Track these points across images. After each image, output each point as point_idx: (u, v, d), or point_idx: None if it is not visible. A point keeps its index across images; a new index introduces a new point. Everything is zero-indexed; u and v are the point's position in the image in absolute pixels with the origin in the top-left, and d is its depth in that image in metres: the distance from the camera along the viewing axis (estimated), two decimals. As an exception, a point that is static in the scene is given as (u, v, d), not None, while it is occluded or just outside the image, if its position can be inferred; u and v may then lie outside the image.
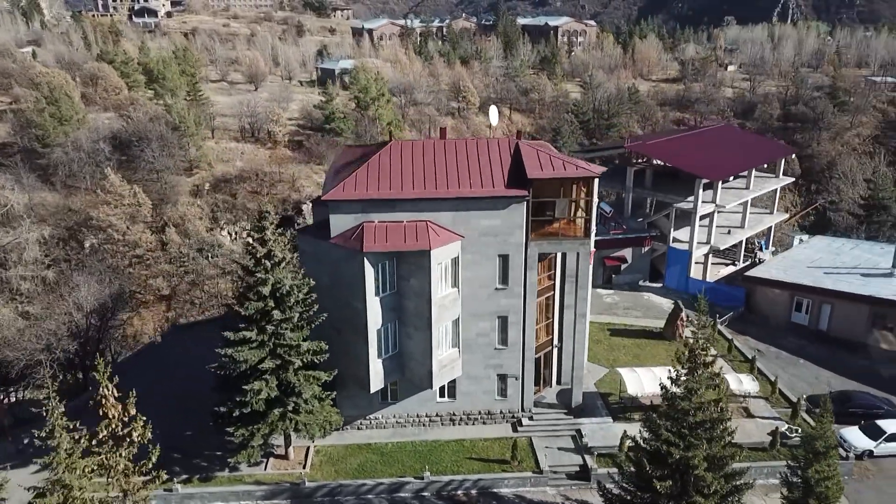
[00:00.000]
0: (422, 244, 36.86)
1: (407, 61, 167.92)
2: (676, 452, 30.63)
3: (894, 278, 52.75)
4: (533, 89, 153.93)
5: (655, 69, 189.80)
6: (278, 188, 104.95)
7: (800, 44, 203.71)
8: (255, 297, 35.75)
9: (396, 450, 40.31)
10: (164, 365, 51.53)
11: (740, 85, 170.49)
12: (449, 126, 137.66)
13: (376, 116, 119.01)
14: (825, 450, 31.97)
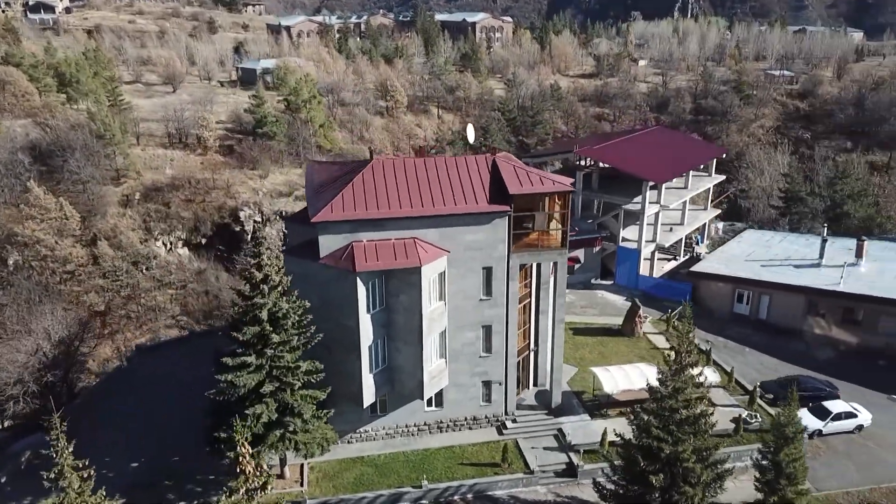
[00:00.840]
0: (412, 261, 38.14)
1: (330, 60, 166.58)
2: (667, 447, 33.29)
3: (822, 268, 57.81)
4: (458, 87, 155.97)
5: (572, 65, 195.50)
6: (213, 195, 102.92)
7: (703, 39, 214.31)
8: (253, 322, 36.08)
9: (390, 461, 41.53)
10: (136, 389, 50.66)
11: (653, 80, 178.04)
12: (379, 126, 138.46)
13: (308, 119, 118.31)
14: (793, 434, 35.44)
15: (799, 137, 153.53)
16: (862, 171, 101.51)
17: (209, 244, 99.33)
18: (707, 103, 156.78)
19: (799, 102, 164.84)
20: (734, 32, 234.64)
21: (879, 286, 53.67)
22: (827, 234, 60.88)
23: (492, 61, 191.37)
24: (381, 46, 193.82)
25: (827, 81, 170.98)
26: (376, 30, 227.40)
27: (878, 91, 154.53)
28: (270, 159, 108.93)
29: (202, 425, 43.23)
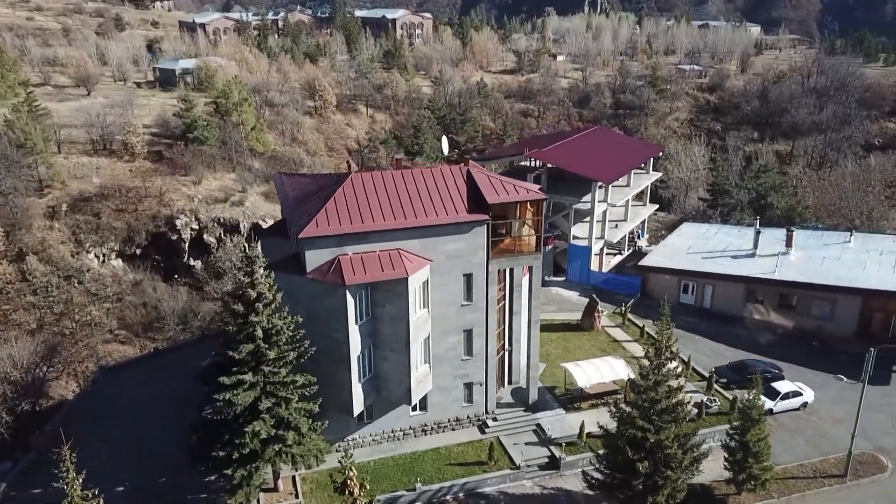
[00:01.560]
0: (399, 272, 39.33)
1: (253, 59, 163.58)
2: (651, 436, 35.92)
3: (757, 258, 62.39)
4: (386, 85, 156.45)
5: (493, 61, 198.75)
6: (146, 204, 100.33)
7: (615, 34, 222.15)
8: (247, 340, 36.43)
9: (380, 466, 42.66)
10: (108, 410, 49.58)
11: (572, 75, 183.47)
12: (309, 126, 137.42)
13: (240, 122, 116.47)
14: (758, 417, 38.84)
15: (711, 129, 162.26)
16: (771, 161, 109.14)
17: (144, 254, 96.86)
18: (626, 98, 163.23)
19: (709, 95, 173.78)
20: (643, 27, 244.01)
21: (810, 273, 58.55)
22: (759, 225, 65.54)
23: (415, 58, 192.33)
24: (302, 44, 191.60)
25: (733, 75, 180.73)
26: (294, 27, 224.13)
27: (779, 84, 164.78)
28: (203, 165, 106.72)
29: (189, 443, 43.22)
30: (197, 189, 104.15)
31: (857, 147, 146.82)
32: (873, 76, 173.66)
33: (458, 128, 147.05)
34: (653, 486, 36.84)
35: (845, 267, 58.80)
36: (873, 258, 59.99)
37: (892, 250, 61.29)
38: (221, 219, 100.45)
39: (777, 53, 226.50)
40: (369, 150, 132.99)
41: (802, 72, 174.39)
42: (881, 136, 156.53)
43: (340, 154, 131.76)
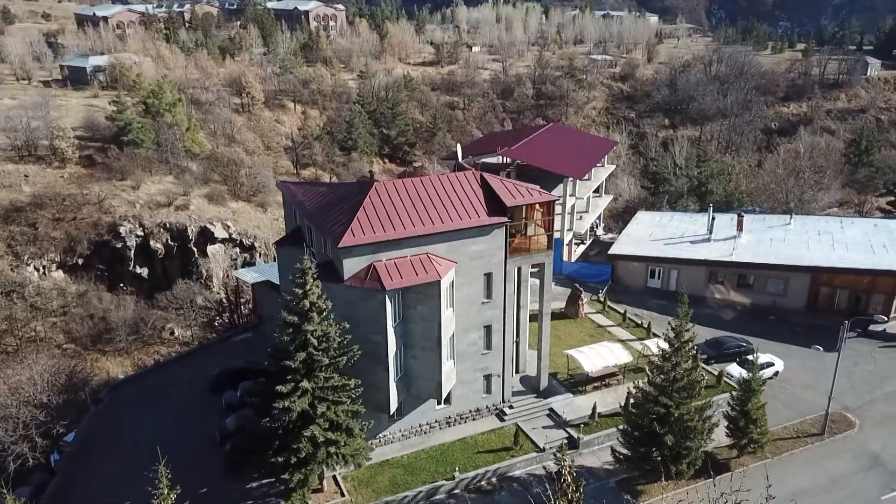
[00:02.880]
0: (431, 276, 41.61)
1: (169, 55, 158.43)
2: (675, 411, 40.05)
3: (713, 242, 68.23)
4: (312, 80, 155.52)
5: (411, 53, 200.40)
6: (85, 212, 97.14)
7: (526, 25, 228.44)
8: (301, 348, 37.80)
9: (413, 460, 44.93)
10: (123, 427, 49.27)
11: (491, 66, 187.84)
12: (240, 124, 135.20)
13: (174, 123, 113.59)
14: (757, 388, 43.76)
15: (626, 117, 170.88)
16: (686, 147, 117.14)
17: (87, 264, 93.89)
18: (546, 89, 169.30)
19: (622, 84, 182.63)
20: (550, 18, 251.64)
21: (763, 254, 64.81)
22: (702, 210, 71.46)
23: (333, 51, 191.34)
24: (214, 38, 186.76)
25: (641, 65, 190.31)
26: (202, 19, 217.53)
27: (685, 73, 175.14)
28: (140, 168, 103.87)
29: (223, 452, 44.12)
30: (137, 194, 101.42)
31: (758, 131, 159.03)
32: (767, 64, 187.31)
33: (388, 122, 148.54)
34: (675, 456, 41.06)
35: (792, 247, 65.42)
36: (814, 238, 66.99)
37: (827, 230, 68.54)
38: (167, 224, 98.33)
39: (676, 42, 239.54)
40: (303, 147, 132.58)
41: (704, 61, 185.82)
42: (777, 119, 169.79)
43: (277, 152, 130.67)
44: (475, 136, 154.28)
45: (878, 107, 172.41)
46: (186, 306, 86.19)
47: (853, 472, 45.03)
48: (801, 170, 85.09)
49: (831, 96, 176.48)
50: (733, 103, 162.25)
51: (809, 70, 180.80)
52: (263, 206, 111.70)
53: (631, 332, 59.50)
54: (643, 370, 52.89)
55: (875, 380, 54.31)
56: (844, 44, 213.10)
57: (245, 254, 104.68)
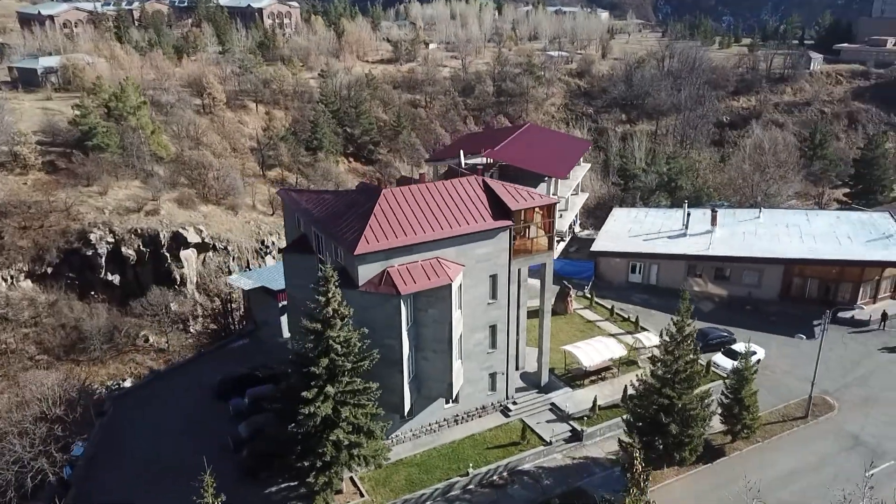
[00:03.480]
0: (443, 280, 42.99)
1: (124, 56, 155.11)
2: (678, 401, 42.36)
3: (689, 237, 71.17)
4: (273, 80, 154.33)
5: (370, 51, 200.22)
6: (52, 219, 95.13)
7: (481, 21, 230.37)
8: (324, 354, 38.73)
9: (426, 458, 46.30)
10: (130, 437, 49.28)
11: (450, 63, 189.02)
12: (204, 126, 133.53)
13: (139, 126, 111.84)
14: (750, 377, 46.45)
15: (584, 113, 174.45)
16: (644, 142, 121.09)
17: (57, 273, 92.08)
18: (506, 86, 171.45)
19: (579, 81, 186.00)
20: (504, 14, 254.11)
21: (737, 247, 68.01)
22: (672, 205, 74.39)
23: (290, 49, 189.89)
24: (167, 37, 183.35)
25: (597, 61, 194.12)
26: (152, 17, 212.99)
27: (640, 69, 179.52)
28: (107, 173, 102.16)
29: (237, 458, 44.72)
30: (105, 200, 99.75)
31: (711, 125, 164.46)
32: (717, 59, 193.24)
33: (352, 121, 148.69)
34: (678, 444, 43.40)
35: (764, 240, 68.78)
36: (783, 231, 70.52)
37: (794, 223, 72.19)
38: (138, 230, 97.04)
39: (627, 38, 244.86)
40: (269, 148, 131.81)
41: (657, 57, 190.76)
42: (728, 113, 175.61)
43: (244, 154, 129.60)
44: (439, 133, 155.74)
45: (822, 100, 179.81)
46: (162, 312, 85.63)
47: (837, 451, 48.15)
48: (766, 165, 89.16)
49: (778, 90, 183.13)
50: (687, 98, 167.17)
51: (757, 65, 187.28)
52: (234, 209, 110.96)
53: (619, 326, 61.91)
54: (635, 363, 55.55)
55: (848, 364, 57.81)
56: (787, 39, 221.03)
57: (219, 258, 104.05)
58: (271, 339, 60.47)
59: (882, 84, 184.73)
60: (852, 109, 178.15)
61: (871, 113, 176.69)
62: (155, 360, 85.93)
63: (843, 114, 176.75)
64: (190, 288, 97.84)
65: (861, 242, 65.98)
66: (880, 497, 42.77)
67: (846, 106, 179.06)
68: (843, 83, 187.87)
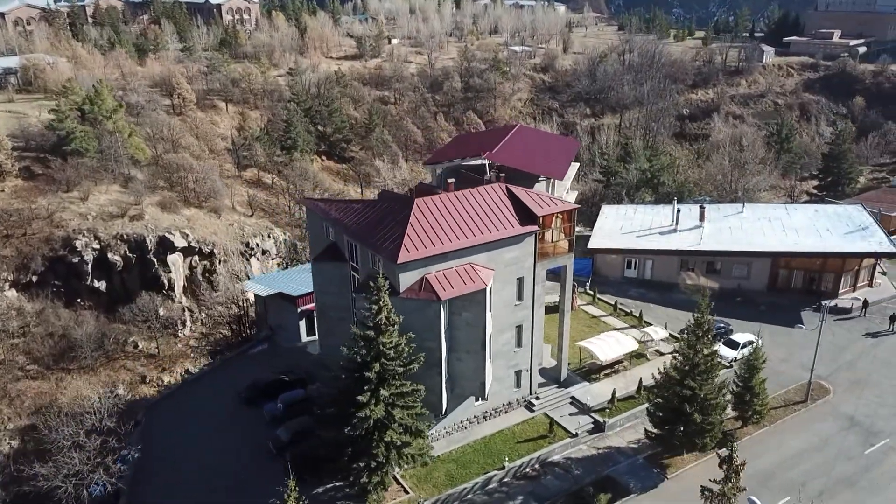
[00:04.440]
0: (478, 285, 45.18)
1: (87, 55, 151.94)
2: (700, 392, 45.48)
3: (679, 233, 74.73)
4: (242, 79, 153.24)
5: (333, 47, 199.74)
6: (35, 227, 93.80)
7: (441, 16, 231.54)
8: (376, 359, 40.52)
9: (462, 454, 48.53)
10: (166, 445, 50.15)
11: (416, 59, 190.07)
12: (178, 128, 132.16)
13: (115, 129, 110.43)
14: (760, 366, 49.90)
15: (550, 107, 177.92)
16: (617, 137, 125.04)
17: (42, 281, 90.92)
18: (474, 82, 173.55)
19: (543, 76, 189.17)
20: (463, 8, 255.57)
21: (726, 241, 71.80)
22: (656, 201, 77.85)
23: (254, 47, 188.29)
24: (127, 35, 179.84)
25: (560, 55, 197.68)
26: (106, 13, 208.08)
27: (603, 63, 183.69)
28: (87, 179, 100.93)
29: (284, 460, 46.14)
30: (87, 206, 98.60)
31: (672, 118, 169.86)
32: (675, 53, 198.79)
33: (324, 119, 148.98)
34: (699, 431, 46.55)
35: (750, 234, 72.76)
36: (766, 224, 74.65)
37: (776, 217, 76.43)
38: (124, 235, 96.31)
39: (585, 31, 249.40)
40: (244, 149, 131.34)
41: (618, 51, 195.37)
42: (688, 106, 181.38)
43: (221, 155, 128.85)
44: (411, 130, 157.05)
45: (776, 92, 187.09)
46: (152, 318, 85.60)
47: (836, 432, 52.09)
48: (745, 161, 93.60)
49: (734, 82, 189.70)
50: (649, 92, 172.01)
51: (713, 58, 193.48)
52: (216, 211, 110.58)
53: (623, 320, 65.04)
54: (644, 356, 58.66)
55: (836, 350, 62.03)
56: (738, 32, 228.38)
57: (205, 261, 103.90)
58: (290, 344, 61.70)
59: (830, 76, 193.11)
60: (804, 101, 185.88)
61: (821, 104, 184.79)
62: (146, 365, 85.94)
63: (796, 105, 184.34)
64: (177, 291, 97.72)
65: (840, 235, 70.46)
66: (879, 472, 46.99)
67: (798, 97, 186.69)
68: (794, 75, 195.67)
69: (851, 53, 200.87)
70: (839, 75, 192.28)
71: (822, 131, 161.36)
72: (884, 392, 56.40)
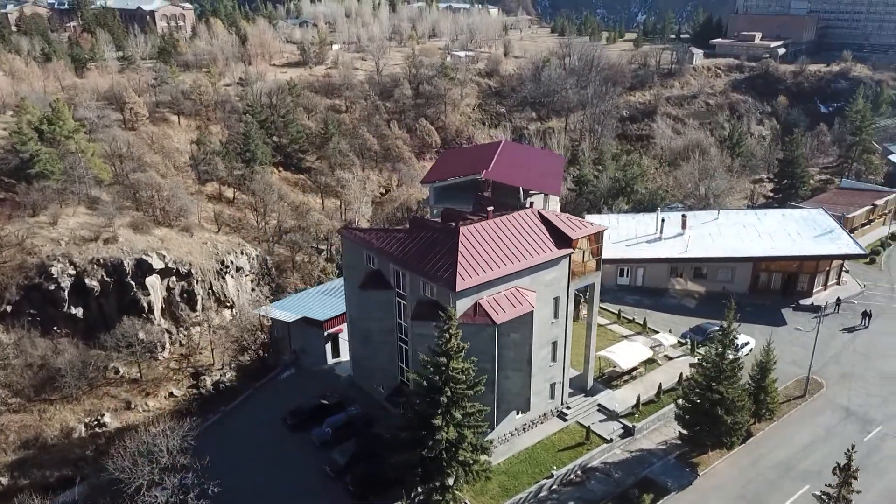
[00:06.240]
0: (526, 307, 48.16)
1: (24, 68, 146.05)
2: (728, 395, 49.82)
3: (663, 240, 79.58)
4: (193, 90, 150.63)
5: (275, 54, 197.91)
6: (6, 254, 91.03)
7: (379, 20, 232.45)
8: (447, 383, 42.83)
9: (510, 465, 51.36)
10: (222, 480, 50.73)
11: (362, 66, 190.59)
12: (131, 142, 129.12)
13: (78, 150, 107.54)
14: (771, 367, 54.70)
15: (497, 112, 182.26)
16: (563, 140, 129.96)
17: (17, 311, 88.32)
18: (424, 88, 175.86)
19: (489, 80, 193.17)
20: (399, 12, 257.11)
21: (711, 248, 77.08)
22: (633, 210, 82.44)
23: (194, 55, 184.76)
24: (60, 45, 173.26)
25: (504, 60, 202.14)
26: (30, 21, 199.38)
27: (546, 67, 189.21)
28: (54, 202, 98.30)
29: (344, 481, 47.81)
30: (58, 230, 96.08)
31: (614, 120, 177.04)
32: (613, 56, 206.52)
33: (280, 130, 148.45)
34: (728, 431, 50.89)
35: (730, 240, 78.35)
36: (741, 230, 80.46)
37: (749, 223, 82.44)
38: (100, 259, 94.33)
39: (520, 34, 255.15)
40: (204, 163, 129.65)
41: (559, 55, 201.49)
42: (627, 108, 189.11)
43: (184, 171, 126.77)
44: (366, 139, 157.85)
45: (707, 92, 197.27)
46: (135, 343, 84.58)
47: (836, 423, 57.61)
48: (713, 170, 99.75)
49: (668, 84, 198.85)
50: (592, 95, 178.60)
51: (647, 61, 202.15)
52: (188, 230, 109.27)
53: (628, 327, 69.20)
54: (655, 361, 62.89)
55: (820, 345, 67.57)
56: (665, 34, 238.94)
57: (182, 282, 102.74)
58: (317, 367, 62.95)
59: (755, 76, 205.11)
60: (733, 101, 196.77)
61: (748, 103, 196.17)
62: (129, 391, 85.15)
63: (726, 105, 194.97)
64: (157, 314, 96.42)
65: (810, 238, 76.89)
66: (879, 458, 52.46)
67: (727, 98, 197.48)
68: (723, 76, 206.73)
69: (772, 55, 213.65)
70: (763, 76, 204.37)
71: (752, 130, 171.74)
72: (868, 383, 62.50)
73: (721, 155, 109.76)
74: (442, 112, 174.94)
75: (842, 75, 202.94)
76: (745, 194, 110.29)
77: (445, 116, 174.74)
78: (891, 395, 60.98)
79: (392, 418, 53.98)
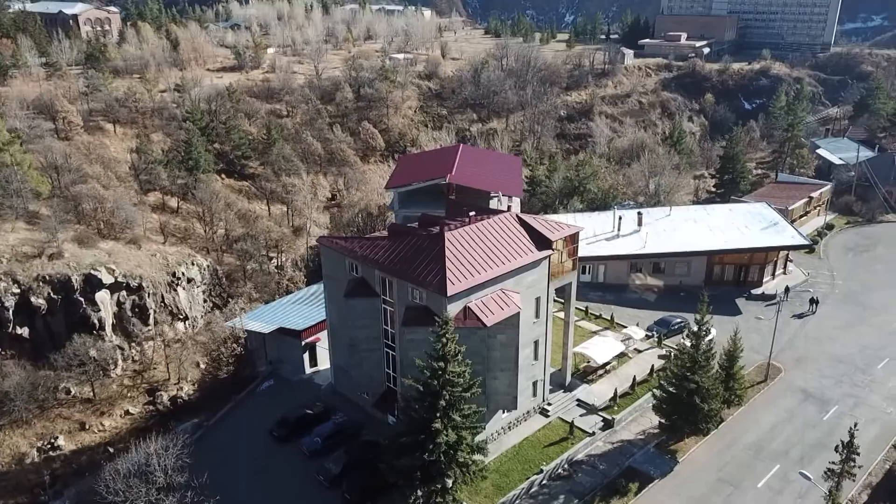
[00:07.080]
0: (513, 309, 49.40)
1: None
2: (704, 383, 52.34)
3: (620, 238, 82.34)
4: (128, 98, 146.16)
5: (209, 58, 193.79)
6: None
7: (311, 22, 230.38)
8: (444, 387, 43.58)
9: (500, 464, 52.46)
10: (216, 492, 50.03)
11: (301, 70, 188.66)
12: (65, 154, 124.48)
13: (14, 163, 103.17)
14: (738, 356, 57.60)
15: (439, 114, 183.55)
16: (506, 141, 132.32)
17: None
18: (365, 91, 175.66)
19: (429, 83, 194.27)
20: (332, 14, 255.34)
21: (667, 244, 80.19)
22: (587, 208, 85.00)
23: (124, 61, 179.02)
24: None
25: (442, 63, 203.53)
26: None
27: (485, 69, 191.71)
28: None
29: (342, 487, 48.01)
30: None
31: (553, 120, 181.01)
32: (549, 57, 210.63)
33: (223, 138, 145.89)
34: (703, 418, 53.42)
35: (685, 235, 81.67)
36: (692, 225, 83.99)
37: (699, 218, 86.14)
38: (46, 276, 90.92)
39: (455, 36, 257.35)
40: (146, 172, 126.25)
41: (496, 57, 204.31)
42: (565, 108, 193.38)
43: (125, 181, 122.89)
44: (310, 143, 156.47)
45: (639, 91, 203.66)
46: (88, 361, 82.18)
47: (797, 404, 61.12)
48: (662, 167, 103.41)
49: (602, 84, 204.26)
50: (531, 96, 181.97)
51: (581, 61, 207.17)
52: (136, 242, 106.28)
53: (596, 323, 71.35)
54: (626, 355, 65.22)
55: (775, 332, 71.68)
56: (596, 34, 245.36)
57: (133, 296, 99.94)
58: (296, 377, 62.62)
59: (683, 75, 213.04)
60: (663, 99, 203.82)
61: (678, 101, 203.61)
62: (82, 411, 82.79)
63: (657, 103, 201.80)
64: (108, 330, 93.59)
65: (757, 230, 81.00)
66: (840, 435, 55.79)
67: (658, 96, 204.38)
68: (653, 75, 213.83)
69: (698, 54, 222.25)
70: (690, 74, 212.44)
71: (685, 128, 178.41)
72: (822, 365, 66.50)
73: (668, 153, 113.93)
74: (384, 115, 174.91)
75: (763, 73, 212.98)
76: (689, 190, 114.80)
77: (388, 119, 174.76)
78: (843, 375, 65.03)
79: (380, 425, 54.49)
